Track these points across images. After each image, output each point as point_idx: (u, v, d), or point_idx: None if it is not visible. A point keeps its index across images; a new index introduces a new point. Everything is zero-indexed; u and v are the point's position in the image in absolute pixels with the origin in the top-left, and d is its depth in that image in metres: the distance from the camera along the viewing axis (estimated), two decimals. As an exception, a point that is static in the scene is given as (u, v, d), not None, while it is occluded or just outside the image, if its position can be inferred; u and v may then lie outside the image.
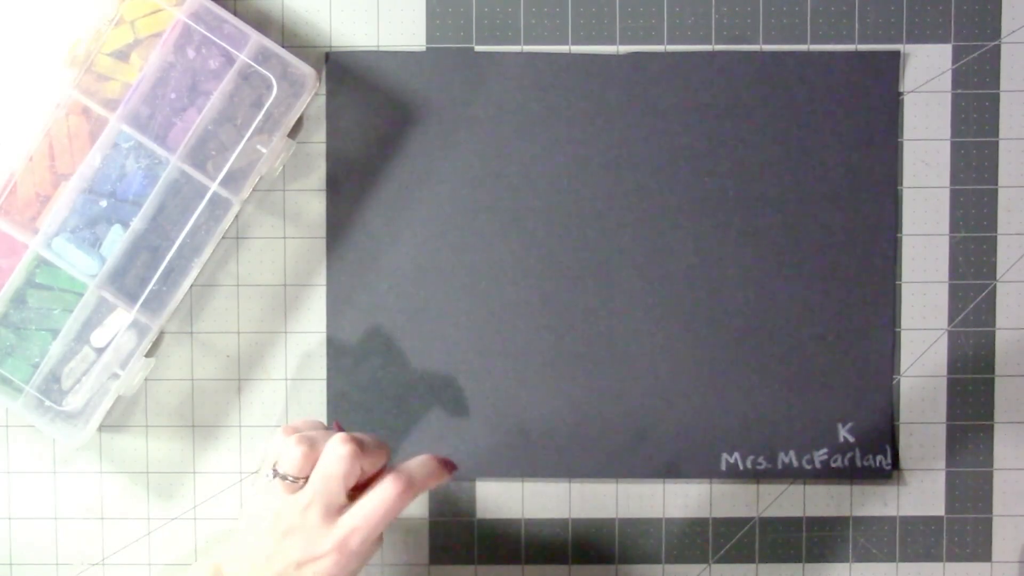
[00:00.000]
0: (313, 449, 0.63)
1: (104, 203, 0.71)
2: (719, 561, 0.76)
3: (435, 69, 0.75)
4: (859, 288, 0.75)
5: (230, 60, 0.71)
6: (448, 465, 0.66)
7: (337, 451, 0.63)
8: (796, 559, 0.76)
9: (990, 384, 0.76)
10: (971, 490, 0.76)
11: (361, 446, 0.63)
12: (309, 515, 0.62)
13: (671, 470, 0.76)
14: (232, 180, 0.71)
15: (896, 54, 0.75)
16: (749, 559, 0.76)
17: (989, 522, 0.76)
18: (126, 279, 0.71)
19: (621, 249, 0.75)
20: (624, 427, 0.75)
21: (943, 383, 0.76)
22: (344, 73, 0.75)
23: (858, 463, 0.75)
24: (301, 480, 0.63)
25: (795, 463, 0.75)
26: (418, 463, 0.65)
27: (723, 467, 0.75)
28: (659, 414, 0.75)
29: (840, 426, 0.75)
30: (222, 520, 0.76)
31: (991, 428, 0.76)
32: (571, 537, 0.76)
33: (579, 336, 0.75)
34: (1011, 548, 0.76)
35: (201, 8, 0.71)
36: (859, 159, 0.75)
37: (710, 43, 0.75)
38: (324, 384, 0.76)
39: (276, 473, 0.63)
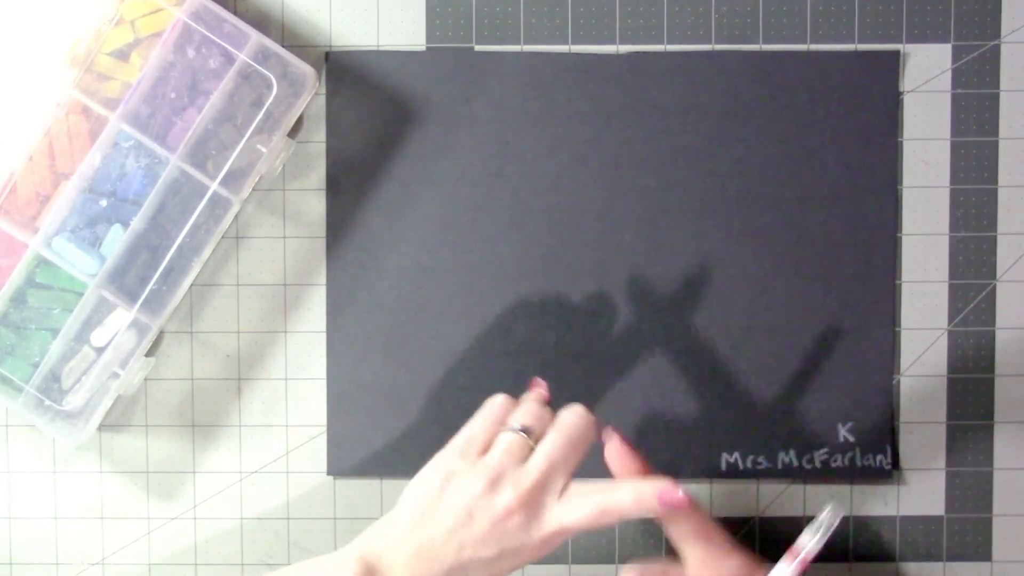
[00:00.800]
0: (547, 410, 0.62)
1: (104, 202, 0.71)
2: (719, 561, 0.76)
3: (435, 69, 0.75)
4: (859, 288, 0.75)
5: (230, 59, 0.71)
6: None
7: (582, 414, 0.61)
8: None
9: (990, 384, 0.76)
10: (971, 490, 0.76)
11: None
12: (538, 497, 0.59)
13: (671, 470, 0.75)
14: (232, 179, 0.71)
15: (896, 54, 0.75)
16: (749, 559, 0.76)
17: (989, 522, 0.76)
18: (126, 278, 0.71)
19: (621, 249, 0.75)
20: (624, 427, 0.75)
21: (943, 383, 0.76)
22: (344, 73, 0.75)
23: (858, 463, 0.75)
24: (531, 444, 0.61)
25: (795, 463, 0.75)
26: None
27: (723, 467, 0.75)
28: (659, 414, 0.75)
29: (840, 426, 0.75)
30: (222, 520, 0.76)
31: (991, 428, 0.76)
32: (572, 537, 0.76)
33: (579, 336, 0.75)
34: (1011, 548, 0.76)
35: (201, 8, 0.71)
36: (859, 159, 0.75)
37: (710, 43, 0.75)
38: (324, 384, 0.76)
39: (519, 428, 0.61)
